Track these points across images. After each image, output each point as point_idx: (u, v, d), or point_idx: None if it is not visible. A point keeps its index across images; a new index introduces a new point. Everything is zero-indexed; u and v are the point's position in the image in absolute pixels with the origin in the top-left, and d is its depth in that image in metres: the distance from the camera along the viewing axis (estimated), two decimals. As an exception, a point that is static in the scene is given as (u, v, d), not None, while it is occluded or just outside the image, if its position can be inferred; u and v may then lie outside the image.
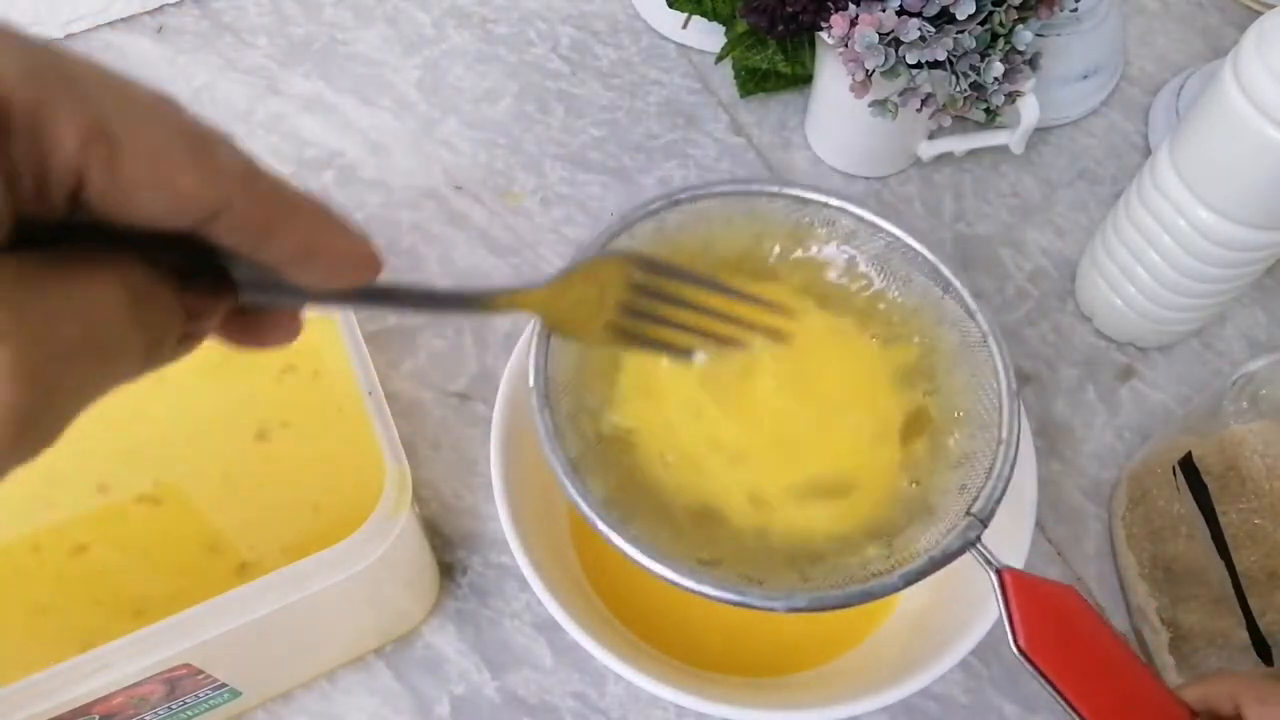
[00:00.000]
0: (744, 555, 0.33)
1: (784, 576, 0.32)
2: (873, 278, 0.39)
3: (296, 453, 0.45)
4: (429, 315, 0.27)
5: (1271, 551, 0.38)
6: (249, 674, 0.38)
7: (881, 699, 0.34)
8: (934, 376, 0.37)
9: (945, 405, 0.36)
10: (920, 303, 0.38)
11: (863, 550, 0.33)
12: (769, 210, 0.39)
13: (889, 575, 0.31)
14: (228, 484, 0.44)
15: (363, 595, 0.38)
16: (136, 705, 0.34)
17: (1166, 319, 0.48)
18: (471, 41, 0.61)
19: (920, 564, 0.31)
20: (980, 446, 0.34)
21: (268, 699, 0.41)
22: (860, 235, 0.38)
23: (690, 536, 0.33)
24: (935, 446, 0.36)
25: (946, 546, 0.31)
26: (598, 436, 0.35)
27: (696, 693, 0.34)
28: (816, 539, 0.34)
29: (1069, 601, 0.31)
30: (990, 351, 0.35)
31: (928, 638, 0.37)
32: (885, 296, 0.38)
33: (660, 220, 0.38)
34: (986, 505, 0.32)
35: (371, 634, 0.42)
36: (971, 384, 0.36)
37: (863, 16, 0.44)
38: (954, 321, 0.37)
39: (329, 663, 0.41)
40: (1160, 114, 0.58)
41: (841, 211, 0.38)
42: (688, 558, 0.32)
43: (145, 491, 0.44)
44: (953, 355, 0.37)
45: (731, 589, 0.30)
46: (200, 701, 0.36)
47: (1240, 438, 0.40)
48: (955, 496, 0.33)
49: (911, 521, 0.34)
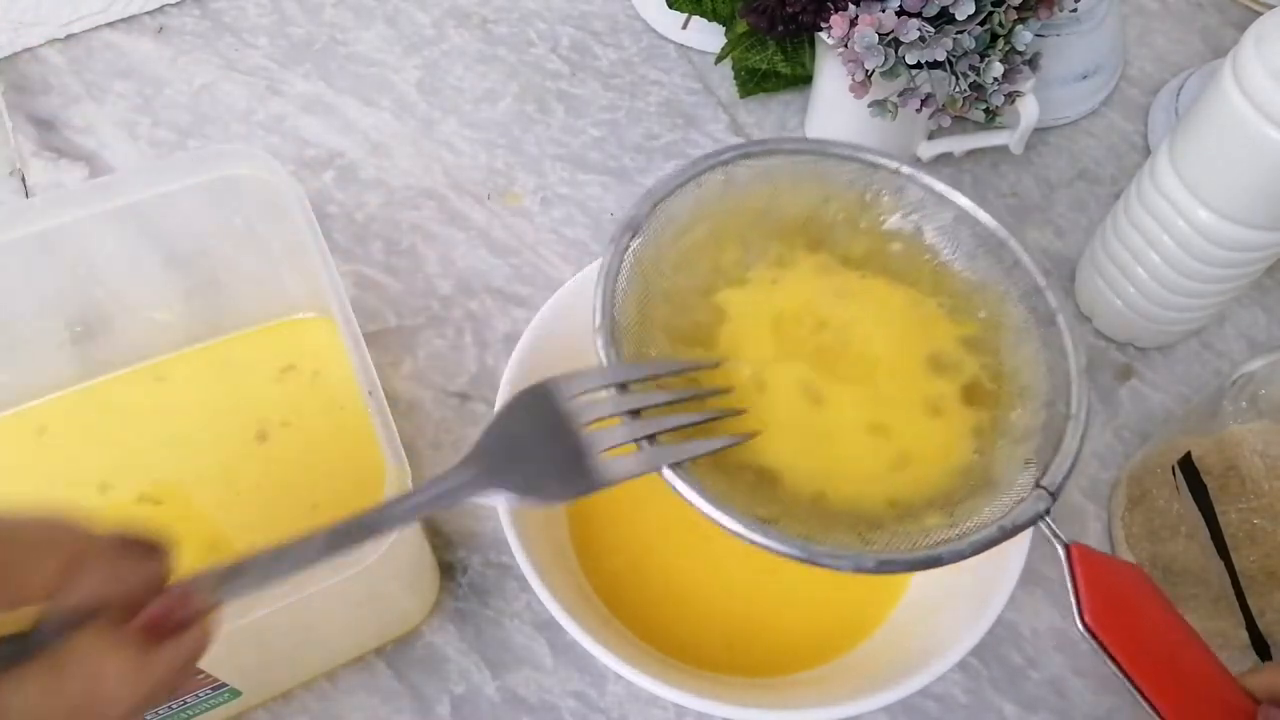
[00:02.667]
0: (802, 516, 0.32)
1: (844, 539, 0.32)
2: (939, 249, 0.38)
3: (296, 453, 0.45)
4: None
5: (1271, 551, 0.38)
6: (249, 674, 0.38)
7: (881, 699, 0.34)
8: (998, 351, 0.36)
9: (1009, 380, 0.36)
10: (988, 277, 0.37)
11: (923, 519, 0.33)
12: (837, 173, 0.38)
13: (959, 542, 0.31)
14: (228, 484, 0.44)
15: (363, 596, 0.38)
16: None
17: (1166, 319, 0.48)
18: (471, 42, 0.61)
19: (990, 533, 0.31)
20: (1046, 422, 0.34)
21: (268, 699, 0.41)
22: (928, 205, 0.38)
23: (747, 494, 0.33)
24: (998, 420, 0.35)
25: (1016, 517, 0.31)
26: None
27: (696, 692, 0.34)
28: (877, 505, 0.34)
29: (1136, 581, 0.30)
30: (1059, 328, 0.35)
31: (927, 638, 0.37)
32: (951, 269, 0.38)
33: (728, 172, 0.37)
34: (1056, 478, 0.32)
35: (372, 634, 0.42)
36: (1036, 360, 0.35)
37: (862, 17, 0.45)
38: (1020, 297, 0.36)
39: (329, 662, 0.41)
40: (1159, 114, 0.58)
41: (911, 180, 0.38)
42: (747, 514, 0.31)
43: (145, 491, 0.44)
44: (1018, 331, 0.36)
45: (797, 545, 0.30)
46: (200, 701, 0.36)
47: (1240, 438, 0.40)
48: (1020, 470, 0.33)
49: (973, 493, 0.33)
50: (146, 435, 0.45)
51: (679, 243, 0.37)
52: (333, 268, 0.38)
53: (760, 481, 0.34)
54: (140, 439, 0.45)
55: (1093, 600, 0.30)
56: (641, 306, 0.35)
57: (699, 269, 0.37)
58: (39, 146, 0.56)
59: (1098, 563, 0.30)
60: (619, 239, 0.35)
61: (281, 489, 0.44)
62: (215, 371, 0.47)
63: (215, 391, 0.46)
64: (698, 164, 0.36)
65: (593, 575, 0.41)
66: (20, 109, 0.57)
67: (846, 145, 0.38)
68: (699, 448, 0.32)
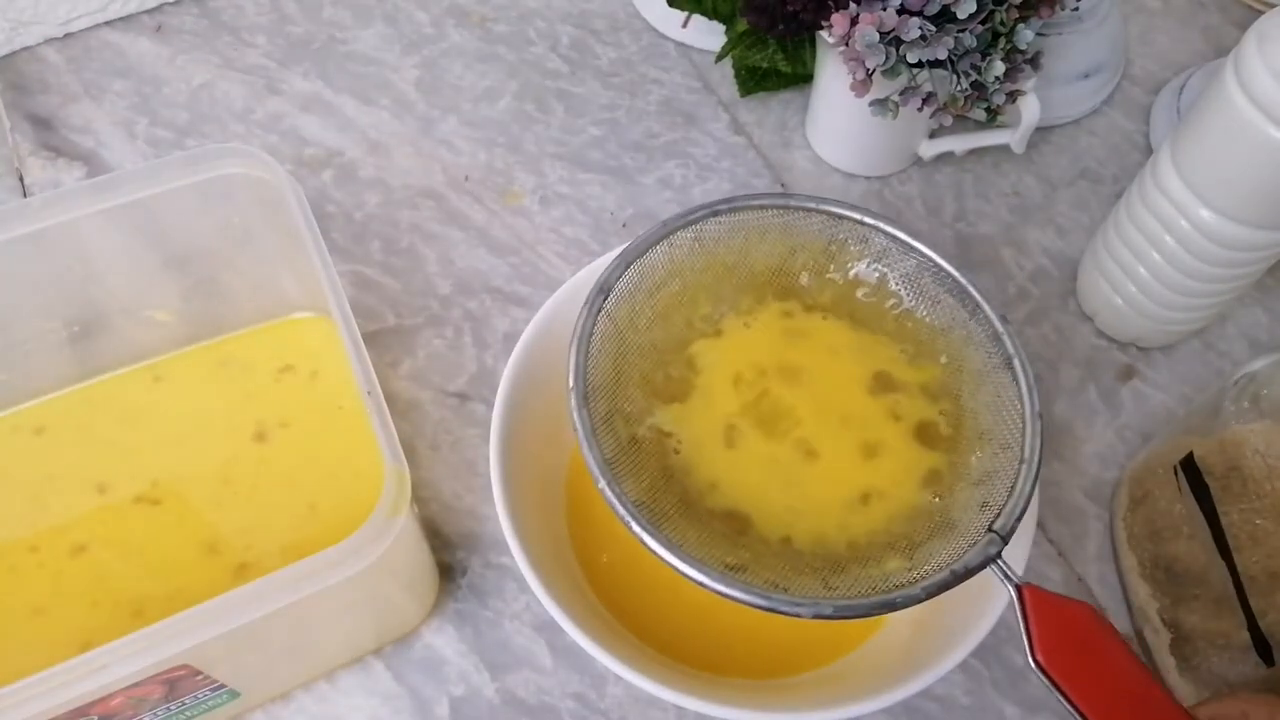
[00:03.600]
0: (770, 562, 0.34)
1: (808, 584, 0.33)
2: (903, 296, 0.39)
3: (294, 453, 0.45)
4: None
5: (1273, 552, 0.38)
6: (248, 675, 0.38)
7: (882, 700, 0.34)
8: (958, 396, 0.38)
9: (969, 424, 0.37)
10: (949, 323, 0.38)
11: (884, 562, 0.34)
12: (804, 225, 0.40)
13: (912, 587, 0.32)
14: (226, 484, 0.44)
15: (361, 596, 0.37)
16: (135, 706, 0.34)
17: (1168, 319, 0.48)
18: (471, 40, 0.61)
19: (943, 577, 0.32)
20: (1002, 465, 0.35)
21: (267, 700, 0.41)
22: (892, 254, 0.39)
23: (718, 541, 0.34)
24: (957, 463, 0.37)
25: (968, 561, 0.32)
26: (632, 439, 0.36)
27: (696, 694, 0.34)
28: (840, 548, 0.35)
29: (1086, 618, 0.31)
30: (1015, 374, 0.36)
31: (929, 639, 0.37)
32: (914, 315, 0.39)
33: (699, 230, 0.39)
34: (1008, 522, 0.33)
35: (370, 635, 0.42)
36: (995, 404, 0.37)
37: (863, 15, 0.44)
38: (980, 342, 0.37)
39: (328, 664, 0.41)
40: (1161, 113, 0.58)
41: (875, 229, 0.39)
42: (715, 562, 0.32)
43: (144, 492, 0.43)
44: (978, 375, 0.38)
45: (759, 594, 0.31)
46: (200, 702, 0.36)
47: (1242, 438, 0.39)
48: (976, 513, 0.34)
49: (933, 536, 0.35)
50: (145, 435, 0.45)
51: (654, 299, 0.38)
52: (331, 267, 0.38)
53: (731, 528, 0.35)
54: (138, 439, 0.45)
55: (1044, 639, 0.31)
56: (617, 363, 0.37)
57: (674, 323, 0.39)
58: (37, 145, 0.56)
59: (1049, 602, 0.32)
60: (592, 300, 0.36)
61: (279, 489, 0.44)
62: (213, 371, 0.47)
63: (213, 391, 0.46)
64: (668, 224, 0.38)
65: (592, 576, 0.41)
66: (18, 108, 0.57)
67: (812, 198, 0.39)
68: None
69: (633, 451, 0.36)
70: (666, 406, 0.37)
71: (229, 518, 0.43)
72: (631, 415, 0.37)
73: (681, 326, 0.39)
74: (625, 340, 0.37)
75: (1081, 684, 0.30)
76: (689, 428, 0.37)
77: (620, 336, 0.37)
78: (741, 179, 0.56)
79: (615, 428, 0.36)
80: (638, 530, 0.32)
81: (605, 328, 0.36)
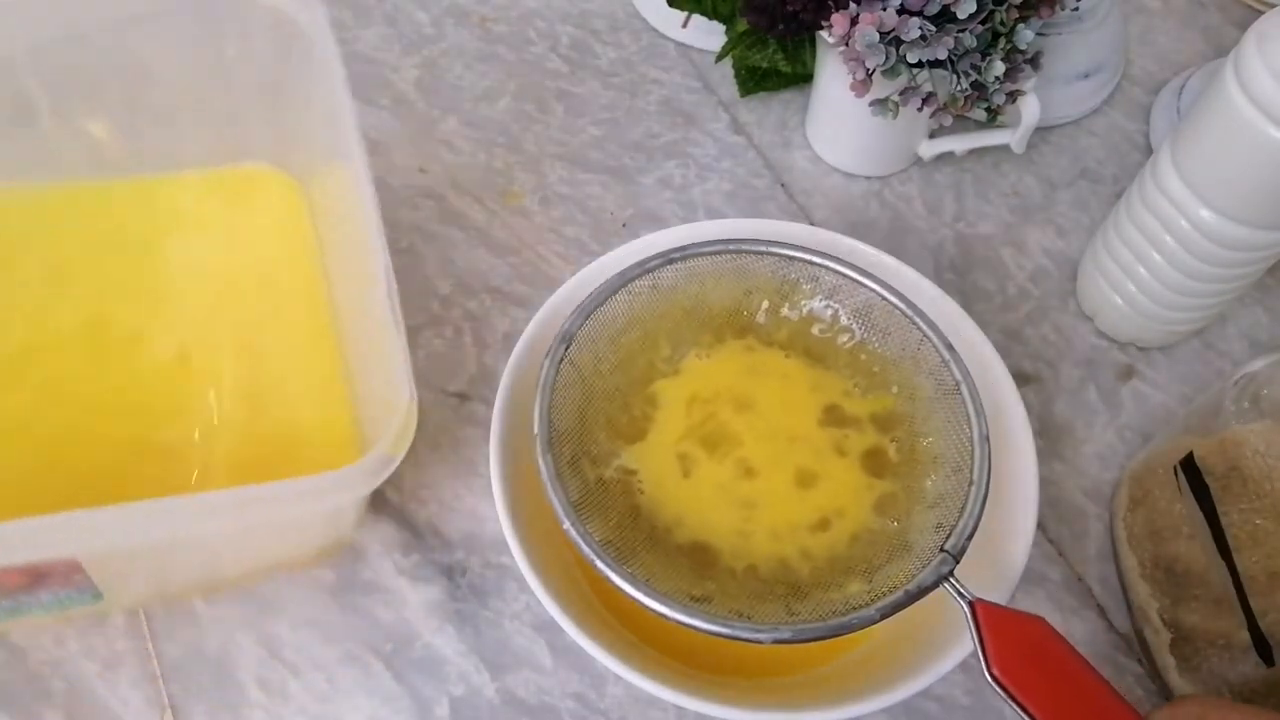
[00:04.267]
0: (734, 591, 0.36)
1: (772, 611, 0.35)
2: (855, 330, 0.41)
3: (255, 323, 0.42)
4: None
5: (1273, 552, 0.38)
6: (124, 580, 0.33)
7: (882, 700, 0.34)
8: (911, 423, 0.40)
9: (922, 450, 0.39)
10: (900, 353, 0.40)
11: (845, 587, 0.36)
12: (757, 267, 0.41)
13: (868, 608, 0.33)
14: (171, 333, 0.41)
15: (298, 524, 0.34)
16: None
17: (1168, 319, 0.48)
18: (471, 40, 0.61)
19: (896, 597, 0.33)
20: (955, 487, 0.36)
21: (127, 606, 0.38)
22: (843, 290, 0.41)
23: (685, 574, 0.36)
24: (913, 488, 0.38)
25: (922, 581, 0.34)
26: (599, 480, 0.38)
27: (696, 693, 0.34)
28: (802, 575, 0.37)
29: (1039, 631, 0.33)
30: (963, 398, 0.37)
31: (929, 639, 0.37)
32: (866, 347, 0.41)
33: (655, 278, 0.40)
34: (959, 542, 0.34)
35: (276, 557, 0.38)
36: (947, 429, 0.38)
37: (863, 15, 0.44)
38: (931, 370, 0.39)
39: (212, 581, 0.38)
40: (1161, 113, 0.58)
41: (824, 268, 0.41)
42: (681, 594, 0.34)
43: (88, 322, 0.41)
44: (929, 402, 0.39)
45: (720, 622, 0.33)
46: (56, 600, 0.32)
47: (1242, 438, 0.40)
48: (931, 534, 0.36)
49: (891, 559, 0.36)
50: (91, 258, 0.42)
51: (615, 345, 0.40)
52: (353, 111, 0.36)
53: (697, 560, 0.37)
54: (85, 260, 0.42)
55: (999, 652, 0.32)
56: (582, 407, 0.39)
57: (636, 366, 0.41)
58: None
59: (1001, 617, 0.33)
60: (554, 351, 0.38)
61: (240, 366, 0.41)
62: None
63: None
64: (625, 274, 0.40)
65: (592, 576, 0.41)
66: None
67: (762, 240, 0.41)
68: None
69: (600, 492, 0.37)
70: (630, 446, 0.39)
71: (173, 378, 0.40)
72: (598, 457, 0.38)
73: (644, 368, 0.41)
74: (589, 385, 0.39)
75: (1038, 695, 0.31)
76: (649, 463, 0.39)
77: (584, 383, 0.39)
78: (741, 179, 0.56)
79: (582, 470, 0.37)
80: (601, 567, 0.34)
81: (568, 374, 0.38)
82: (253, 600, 0.42)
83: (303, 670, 0.42)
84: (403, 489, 0.46)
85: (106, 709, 0.40)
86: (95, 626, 0.40)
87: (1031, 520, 0.38)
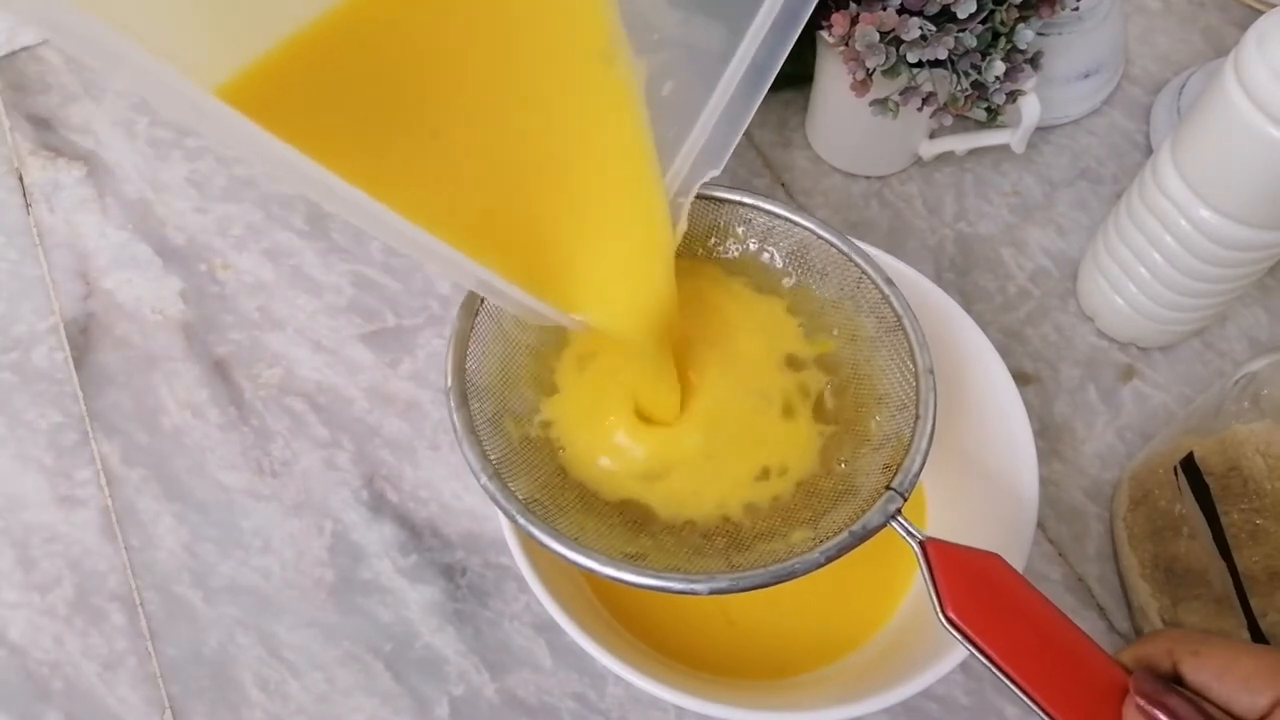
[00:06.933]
0: (672, 548, 0.34)
1: (711, 565, 0.32)
2: (792, 271, 0.39)
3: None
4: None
5: (1273, 552, 0.38)
6: None
7: (882, 700, 0.34)
8: (855, 363, 0.38)
9: (866, 390, 0.37)
10: (839, 293, 0.38)
11: (789, 536, 0.33)
12: (689, 212, 0.39)
13: (811, 552, 0.31)
14: None
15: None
16: None
17: (1168, 319, 0.48)
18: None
19: (841, 539, 0.31)
20: (901, 426, 0.35)
21: None
22: (777, 231, 0.39)
23: (619, 532, 0.34)
24: (858, 430, 0.36)
25: (867, 521, 0.32)
26: (524, 439, 0.36)
27: (696, 694, 0.34)
28: (744, 528, 0.35)
29: (995, 568, 0.30)
30: (905, 332, 0.36)
31: (929, 639, 0.37)
32: (805, 289, 0.39)
33: None
34: (905, 478, 0.33)
35: None
36: (890, 367, 0.36)
37: (863, 15, 0.44)
38: (872, 308, 0.37)
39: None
40: (1162, 113, 0.58)
41: (755, 209, 0.39)
42: (614, 552, 0.32)
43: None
44: (872, 341, 0.37)
45: (652, 574, 0.31)
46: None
47: (1242, 438, 0.39)
48: (879, 475, 0.34)
49: (837, 504, 0.34)
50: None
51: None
52: None
53: (630, 517, 0.35)
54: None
55: (953, 593, 0.30)
56: (504, 364, 0.36)
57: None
58: (36, 145, 0.56)
59: (954, 555, 0.30)
60: (468, 301, 0.36)
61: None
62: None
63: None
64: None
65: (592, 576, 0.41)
66: (17, 108, 0.57)
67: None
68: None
69: (526, 450, 0.36)
70: (549, 399, 0.37)
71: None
72: (521, 414, 0.36)
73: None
74: (511, 340, 0.37)
75: (996, 636, 0.29)
76: (569, 419, 0.37)
77: (505, 337, 0.37)
78: (741, 178, 0.56)
79: (505, 427, 0.35)
80: (523, 523, 0.32)
81: (488, 328, 0.36)
82: (253, 600, 0.42)
83: (302, 670, 0.42)
84: (403, 489, 0.46)
85: (106, 709, 0.40)
86: (95, 626, 0.40)
87: (1031, 520, 0.38)
